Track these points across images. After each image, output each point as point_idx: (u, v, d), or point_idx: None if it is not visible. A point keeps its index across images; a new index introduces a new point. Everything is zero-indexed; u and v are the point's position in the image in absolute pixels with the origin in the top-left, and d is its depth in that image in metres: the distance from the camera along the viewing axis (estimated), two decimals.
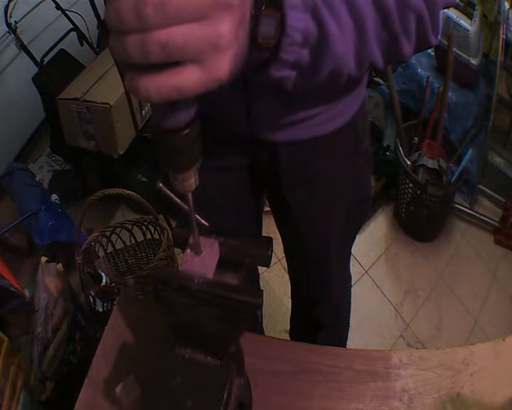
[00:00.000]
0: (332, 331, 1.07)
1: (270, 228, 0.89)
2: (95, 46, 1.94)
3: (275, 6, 0.36)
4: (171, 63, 0.29)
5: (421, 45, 0.49)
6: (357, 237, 1.84)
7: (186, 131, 0.34)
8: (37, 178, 1.93)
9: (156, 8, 0.26)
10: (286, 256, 0.97)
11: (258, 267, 1.06)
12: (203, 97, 0.31)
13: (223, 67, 0.30)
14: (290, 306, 1.19)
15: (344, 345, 1.19)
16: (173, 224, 1.58)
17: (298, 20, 0.38)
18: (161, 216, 1.55)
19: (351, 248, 0.96)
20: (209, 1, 0.28)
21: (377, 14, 0.43)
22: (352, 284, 1.70)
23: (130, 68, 0.30)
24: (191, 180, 0.38)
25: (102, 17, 1.37)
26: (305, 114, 0.63)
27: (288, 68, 0.41)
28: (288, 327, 1.26)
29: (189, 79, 0.29)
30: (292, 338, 1.25)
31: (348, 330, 1.19)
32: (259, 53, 0.37)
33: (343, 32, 0.42)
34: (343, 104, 0.65)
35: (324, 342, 0.75)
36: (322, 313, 1.04)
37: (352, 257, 1.87)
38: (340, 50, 0.43)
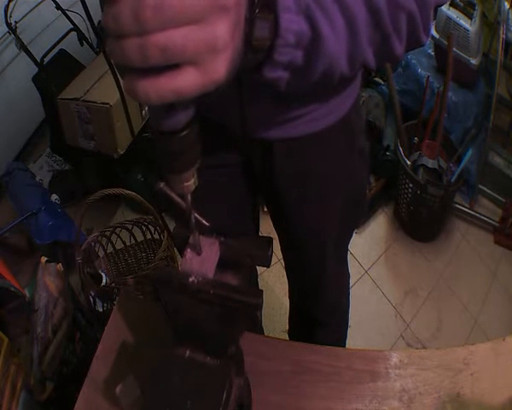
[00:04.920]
0: (330, 330, 1.07)
1: (270, 228, 0.89)
2: (95, 46, 1.94)
3: (268, 8, 0.37)
4: (169, 66, 0.29)
5: (413, 45, 0.49)
6: (357, 237, 1.85)
7: (184, 133, 0.34)
8: (37, 178, 1.93)
9: (154, 11, 0.27)
10: (283, 254, 0.97)
11: (257, 267, 1.06)
12: (198, 97, 0.32)
13: (220, 68, 0.30)
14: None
15: (343, 344, 1.19)
16: (170, 223, 1.58)
17: (291, 22, 0.39)
18: (161, 216, 1.55)
19: (347, 246, 0.96)
20: (206, 3, 0.28)
21: (369, 14, 0.43)
22: (352, 284, 1.71)
23: (129, 72, 0.30)
24: (190, 181, 0.38)
25: (96, 20, 1.37)
26: (297, 112, 0.63)
27: (281, 69, 0.42)
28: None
29: (187, 81, 0.29)
30: (290, 338, 1.25)
31: (347, 329, 1.19)
32: (254, 55, 0.38)
33: (336, 33, 0.42)
34: (336, 102, 0.65)
35: (322, 341, 0.75)
36: (319, 312, 1.04)
37: (351, 257, 1.87)
38: (333, 51, 0.43)
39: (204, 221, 0.44)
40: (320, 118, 0.65)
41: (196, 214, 0.43)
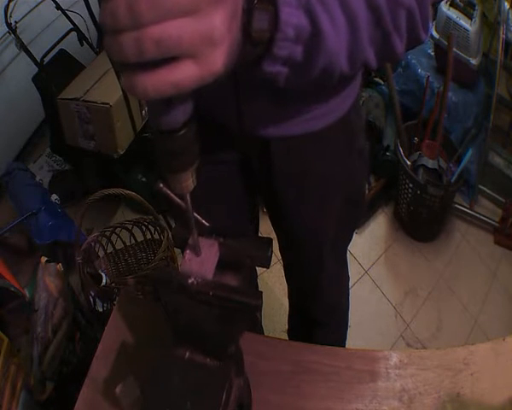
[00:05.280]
0: (329, 330, 1.07)
1: (270, 229, 0.89)
2: (95, 46, 1.94)
3: (268, 0, 0.37)
4: (167, 59, 0.29)
5: (412, 42, 0.49)
6: (357, 237, 1.84)
7: (183, 132, 0.34)
8: (37, 178, 1.93)
9: (149, 4, 0.27)
10: (281, 254, 0.97)
11: (257, 267, 1.06)
12: (195, 90, 0.32)
13: (217, 60, 0.30)
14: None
15: (343, 345, 1.19)
16: (172, 223, 1.58)
17: (291, 16, 0.38)
18: (161, 216, 1.55)
19: (346, 247, 0.95)
20: None
21: (369, 12, 0.43)
22: (352, 284, 1.71)
23: (127, 67, 0.30)
24: (189, 181, 0.38)
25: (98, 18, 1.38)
26: (295, 111, 0.63)
27: (280, 64, 0.41)
28: None
29: (184, 73, 0.29)
30: (290, 338, 1.24)
31: (347, 330, 1.19)
32: (253, 47, 0.38)
33: (336, 30, 0.42)
34: (335, 101, 0.65)
35: (322, 341, 0.74)
36: (318, 312, 1.04)
37: (351, 257, 1.87)
38: (333, 47, 0.43)
39: (204, 222, 0.44)
40: (319, 117, 0.65)
41: (196, 215, 0.43)
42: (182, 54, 0.29)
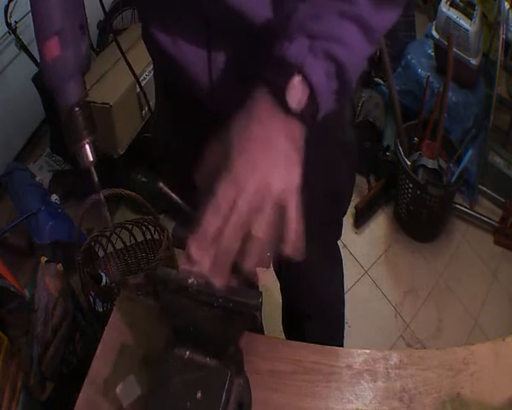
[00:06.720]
0: (318, 323, 1.06)
1: None
2: (95, 46, 1.94)
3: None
4: None
5: None
6: (357, 237, 1.84)
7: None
8: (37, 179, 1.92)
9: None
10: None
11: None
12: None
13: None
14: None
15: (339, 342, 1.18)
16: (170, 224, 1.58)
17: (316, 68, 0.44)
18: (162, 216, 1.55)
19: (333, 242, 0.95)
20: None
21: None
22: (352, 284, 1.71)
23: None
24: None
25: (96, 19, 1.37)
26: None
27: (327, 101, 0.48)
28: None
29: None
30: (284, 332, 1.24)
31: (343, 327, 1.17)
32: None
33: (354, 45, 0.46)
34: None
35: (314, 336, 0.73)
36: (303, 303, 1.03)
37: (351, 257, 1.86)
38: (359, 57, 0.47)
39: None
40: None
41: (195, 214, 0.43)
42: None
